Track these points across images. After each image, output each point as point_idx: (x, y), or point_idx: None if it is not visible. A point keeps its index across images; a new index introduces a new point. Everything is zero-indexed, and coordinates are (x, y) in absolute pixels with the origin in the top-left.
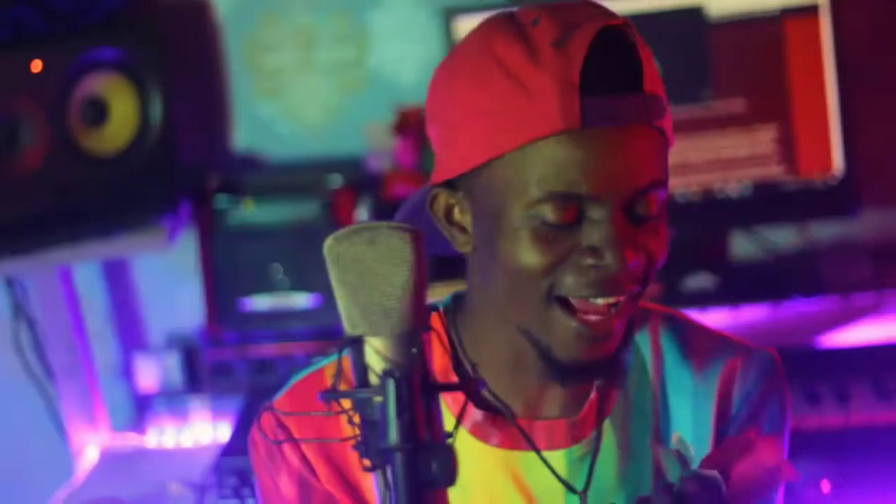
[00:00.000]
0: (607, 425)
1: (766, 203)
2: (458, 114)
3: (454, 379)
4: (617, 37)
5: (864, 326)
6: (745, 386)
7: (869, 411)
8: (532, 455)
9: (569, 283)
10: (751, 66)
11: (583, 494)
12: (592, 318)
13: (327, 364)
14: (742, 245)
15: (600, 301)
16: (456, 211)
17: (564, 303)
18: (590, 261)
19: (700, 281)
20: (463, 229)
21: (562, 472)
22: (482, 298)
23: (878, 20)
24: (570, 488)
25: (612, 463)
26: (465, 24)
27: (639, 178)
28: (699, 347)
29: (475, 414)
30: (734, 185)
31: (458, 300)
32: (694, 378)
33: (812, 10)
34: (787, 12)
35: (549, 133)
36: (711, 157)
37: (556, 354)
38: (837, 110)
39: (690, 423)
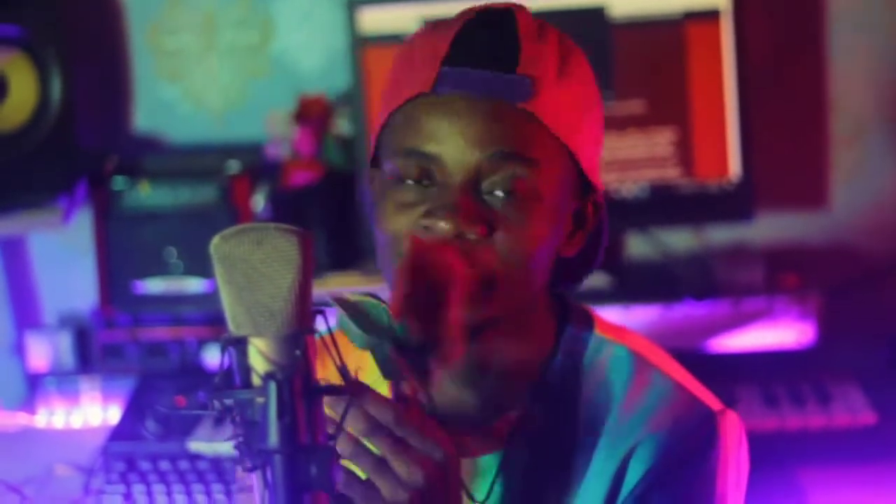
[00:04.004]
0: (520, 442)
1: (663, 205)
2: (381, 95)
3: None
4: (504, 21)
5: (755, 331)
6: (660, 447)
7: (757, 417)
8: None
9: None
10: (651, 69)
11: None
12: None
13: None
14: (637, 246)
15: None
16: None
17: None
18: (423, 221)
19: (594, 279)
20: None
21: (467, 479)
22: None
23: (779, 27)
24: (470, 496)
25: (519, 480)
26: (369, 15)
27: (485, 146)
28: (640, 388)
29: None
30: (631, 185)
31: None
32: (618, 422)
33: (714, 15)
34: (689, 16)
35: (409, 96)
36: (609, 158)
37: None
38: (736, 115)
39: (599, 469)
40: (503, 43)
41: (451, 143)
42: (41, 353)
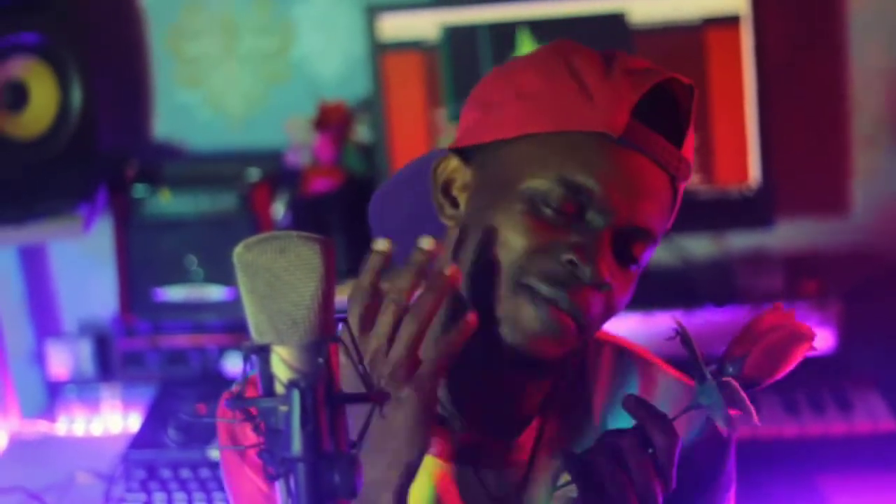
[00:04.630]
0: (543, 454)
1: (683, 211)
2: (508, 91)
3: None
4: (679, 96)
5: None
6: (690, 434)
7: (777, 424)
8: (468, 471)
9: (538, 268)
10: None
11: None
12: (552, 313)
13: None
14: (657, 252)
15: (560, 304)
16: (457, 184)
17: (531, 290)
18: (569, 256)
19: None
20: (455, 203)
21: (494, 488)
22: None
23: (798, 33)
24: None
25: (545, 489)
26: (389, 22)
27: (644, 211)
28: (649, 386)
29: None
30: None
31: None
32: None
33: (733, 21)
34: (708, 22)
35: (590, 128)
36: None
37: (509, 338)
38: (756, 121)
39: None
40: (679, 120)
41: (616, 198)
42: (62, 360)
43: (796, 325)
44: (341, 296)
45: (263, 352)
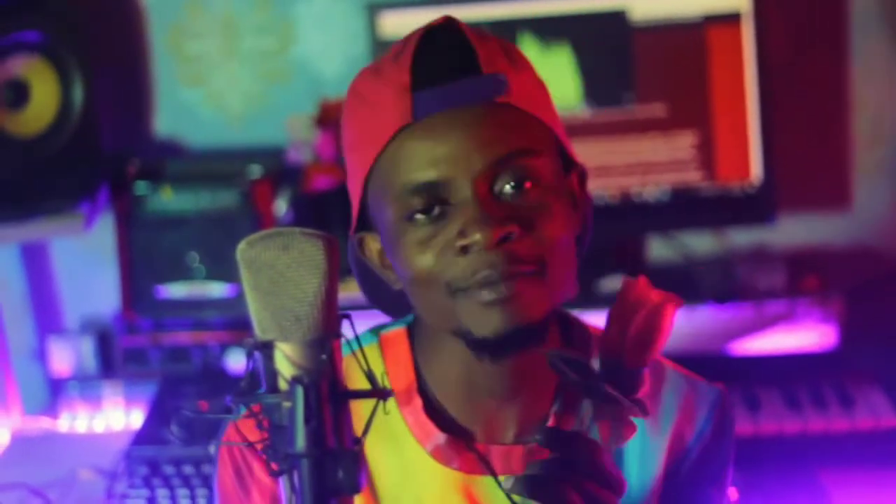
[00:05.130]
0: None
1: (684, 208)
2: (347, 155)
3: (418, 399)
4: (447, 33)
5: (777, 334)
6: (699, 426)
7: (779, 420)
8: (490, 480)
9: (454, 274)
10: (672, 72)
11: None
12: (494, 288)
13: None
14: (659, 249)
15: (493, 280)
16: (383, 254)
17: (462, 293)
18: (459, 242)
19: (615, 283)
20: (392, 268)
21: (518, 498)
22: (422, 321)
23: (799, 29)
24: None
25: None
26: (389, 20)
27: (487, 150)
28: (656, 379)
29: (437, 437)
30: (652, 189)
31: (417, 321)
32: (645, 422)
33: (734, 18)
34: (709, 19)
35: (391, 135)
36: (631, 161)
37: (475, 334)
38: (757, 118)
39: (637, 458)
40: (458, 52)
41: (452, 161)
42: (64, 357)
43: (654, 296)
44: (345, 292)
45: (267, 348)
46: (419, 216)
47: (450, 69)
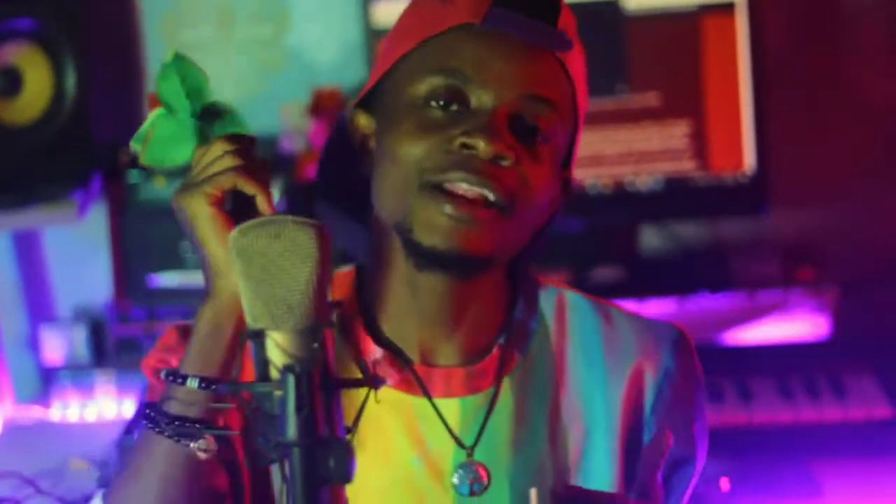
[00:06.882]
0: (505, 384)
1: (677, 198)
2: (391, 37)
3: (358, 318)
4: None
5: (770, 324)
6: (662, 363)
7: (771, 410)
8: (426, 403)
9: (434, 162)
10: (666, 61)
11: (470, 450)
12: (459, 202)
13: None
14: (651, 238)
15: (465, 186)
16: (368, 135)
17: (435, 188)
18: (460, 140)
19: (608, 272)
20: (371, 154)
21: (454, 423)
22: (376, 234)
23: (793, 20)
24: (458, 442)
25: (506, 424)
26: (384, 8)
27: (528, 83)
28: (609, 322)
29: (375, 352)
30: (646, 178)
31: (367, 259)
32: (604, 354)
33: (729, 8)
34: (704, 8)
35: (454, 24)
36: (624, 150)
37: (418, 236)
38: (751, 108)
39: (601, 400)
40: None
41: (494, 72)
42: (56, 346)
43: None
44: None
45: (258, 337)
46: (435, 104)
47: (533, 6)
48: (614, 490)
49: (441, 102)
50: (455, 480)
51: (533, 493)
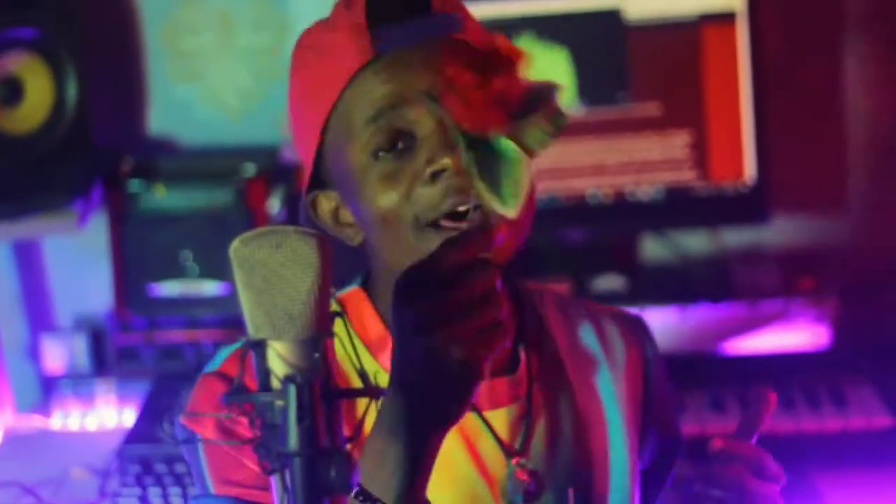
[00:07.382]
0: (537, 386)
1: (678, 207)
2: (299, 108)
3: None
4: None
5: (771, 334)
6: (645, 352)
7: (772, 420)
8: (474, 416)
9: (422, 205)
10: (667, 71)
11: (520, 457)
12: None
13: (230, 355)
14: (652, 248)
15: (461, 207)
16: (340, 211)
17: (435, 226)
18: (428, 171)
19: (609, 282)
20: (350, 224)
21: (503, 432)
22: (385, 274)
23: (794, 30)
24: (508, 451)
25: (542, 427)
26: None
27: (447, 78)
28: (593, 317)
29: None
30: (646, 188)
31: (370, 277)
32: (601, 350)
33: (729, 18)
34: (704, 18)
35: (352, 75)
36: (625, 160)
37: None
38: (751, 118)
39: (610, 395)
40: None
41: (413, 90)
42: (56, 355)
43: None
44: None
45: (259, 347)
46: (383, 153)
47: (405, 7)
48: (631, 480)
49: (388, 150)
50: (510, 489)
51: (570, 493)
